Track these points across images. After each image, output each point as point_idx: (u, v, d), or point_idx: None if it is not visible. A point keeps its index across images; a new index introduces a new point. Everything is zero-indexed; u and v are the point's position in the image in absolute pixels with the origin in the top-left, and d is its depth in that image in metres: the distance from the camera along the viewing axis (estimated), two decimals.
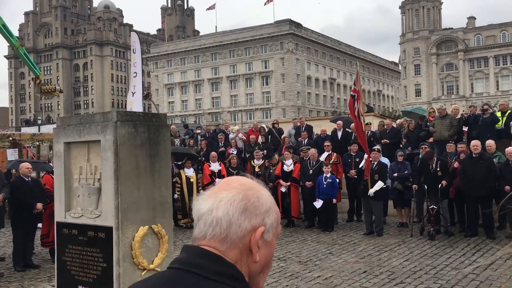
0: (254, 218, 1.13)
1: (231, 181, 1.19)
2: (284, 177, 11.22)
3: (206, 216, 1.13)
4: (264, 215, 1.15)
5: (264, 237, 1.14)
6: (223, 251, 1.11)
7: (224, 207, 1.12)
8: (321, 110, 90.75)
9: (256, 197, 1.15)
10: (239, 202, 1.13)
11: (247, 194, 1.14)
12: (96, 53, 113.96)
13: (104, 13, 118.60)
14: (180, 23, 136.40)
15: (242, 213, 1.12)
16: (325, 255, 8.33)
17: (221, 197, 1.13)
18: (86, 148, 4.60)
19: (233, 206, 1.12)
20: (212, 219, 1.12)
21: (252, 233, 1.12)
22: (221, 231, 1.11)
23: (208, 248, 1.12)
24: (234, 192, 1.14)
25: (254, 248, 1.12)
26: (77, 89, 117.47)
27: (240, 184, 1.17)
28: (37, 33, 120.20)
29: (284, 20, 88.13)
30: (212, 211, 1.12)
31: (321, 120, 26.43)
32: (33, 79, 25.72)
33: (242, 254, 1.12)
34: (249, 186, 1.17)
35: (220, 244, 1.11)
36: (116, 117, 4.44)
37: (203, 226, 1.13)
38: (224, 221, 1.11)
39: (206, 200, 1.15)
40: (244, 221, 1.12)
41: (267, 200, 1.17)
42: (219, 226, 1.11)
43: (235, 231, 1.11)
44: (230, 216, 1.11)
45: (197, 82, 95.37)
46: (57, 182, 4.82)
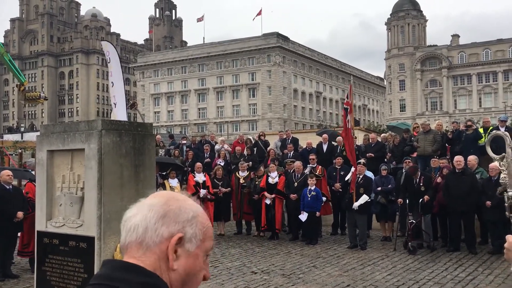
0: (173, 225, 1.11)
1: (163, 193, 1.21)
2: (269, 189, 11.21)
3: (127, 222, 1.13)
4: (185, 223, 1.13)
5: (185, 246, 1.12)
6: (139, 256, 1.10)
7: (143, 213, 1.12)
8: (307, 123, 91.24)
9: (178, 206, 1.14)
10: (158, 208, 1.12)
11: (170, 203, 1.14)
12: (82, 61, 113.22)
13: (91, 22, 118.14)
14: (168, 33, 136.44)
15: (160, 219, 1.11)
16: (309, 268, 8.31)
17: (144, 204, 1.14)
18: (70, 156, 4.55)
19: (152, 211, 1.11)
20: (130, 225, 1.12)
21: (169, 241, 1.11)
22: (137, 236, 1.10)
23: (128, 259, 1.11)
24: (157, 200, 1.14)
25: (170, 254, 1.10)
26: (62, 97, 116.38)
27: (168, 194, 1.18)
28: (23, 40, 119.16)
29: (272, 33, 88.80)
30: (132, 217, 1.12)
31: (307, 133, 26.56)
32: (18, 85, 25.43)
33: (161, 261, 1.10)
34: (176, 197, 1.17)
35: (136, 249, 1.11)
36: (101, 125, 4.41)
37: (124, 233, 1.13)
38: (141, 226, 1.10)
39: (131, 209, 1.16)
40: (161, 227, 1.10)
41: (191, 210, 1.16)
42: (135, 232, 1.10)
43: (150, 236, 1.10)
44: (147, 221, 1.10)
45: (183, 92, 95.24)
46: (39, 190, 4.75)
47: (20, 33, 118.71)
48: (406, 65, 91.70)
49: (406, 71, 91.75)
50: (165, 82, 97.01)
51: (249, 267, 8.41)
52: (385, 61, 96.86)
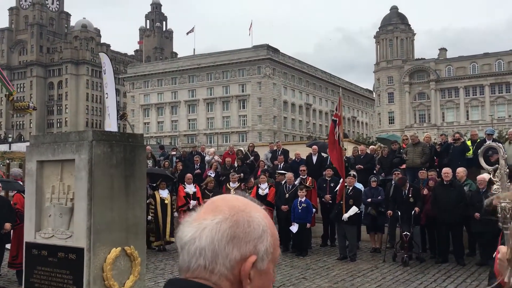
0: (244, 246, 1.00)
1: (219, 203, 1.05)
2: (259, 200, 11.17)
3: (189, 245, 1.00)
4: (256, 241, 1.01)
5: (257, 266, 1.01)
6: (214, 282, 0.99)
7: (209, 235, 0.99)
8: (296, 135, 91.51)
9: (247, 221, 1.02)
10: (226, 229, 0.99)
11: (235, 219, 1.01)
12: (71, 71, 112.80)
13: (81, 32, 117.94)
14: (158, 44, 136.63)
15: (229, 242, 0.99)
16: (299, 279, 8.30)
17: (206, 223, 1.00)
18: (60, 167, 4.53)
19: (219, 233, 0.99)
20: (195, 249, 0.99)
21: (242, 263, 0.99)
22: (206, 262, 0.98)
23: (198, 280, 0.99)
24: (221, 217, 1.01)
25: (245, 281, 0.99)
26: (51, 107, 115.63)
27: (229, 206, 1.03)
28: (12, 50, 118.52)
29: (262, 45, 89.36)
30: (195, 240, 0.99)
31: (297, 145, 26.67)
32: (6, 95, 25.23)
33: (234, 285, 1.00)
34: (238, 208, 1.03)
35: (209, 276, 0.99)
36: (92, 136, 4.41)
37: (186, 257, 1.01)
38: (209, 251, 0.98)
39: (189, 227, 1.03)
40: (232, 250, 0.99)
41: (259, 224, 1.03)
42: (203, 257, 0.99)
43: (222, 262, 0.98)
44: (215, 245, 0.98)
45: (173, 103, 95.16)
46: (28, 201, 4.72)
47: (9, 43, 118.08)
48: (395, 78, 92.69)
49: (395, 84, 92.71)
50: (155, 93, 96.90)
51: None
52: (374, 73, 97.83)
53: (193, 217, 1.06)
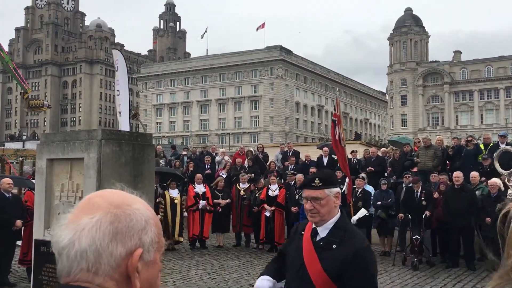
0: (129, 241, 0.94)
1: (95, 200, 0.98)
2: (269, 201, 11.20)
3: (68, 250, 0.92)
4: (140, 233, 0.96)
5: (144, 258, 0.96)
6: (98, 284, 0.93)
7: (89, 235, 0.91)
8: (308, 136, 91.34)
9: (128, 215, 0.96)
10: (107, 225, 0.93)
11: (116, 213, 0.95)
12: (85, 71, 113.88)
13: (95, 32, 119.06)
14: (171, 44, 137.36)
15: (112, 239, 0.92)
16: None
17: (84, 223, 0.93)
18: (69, 165, 4.57)
19: (100, 232, 0.92)
20: (75, 253, 0.91)
21: (128, 258, 0.94)
22: (89, 265, 0.91)
23: (80, 283, 0.92)
24: (100, 214, 0.94)
25: (133, 275, 0.94)
26: (65, 106, 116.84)
27: (107, 202, 0.97)
28: (27, 49, 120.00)
29: (275, 46, 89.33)
30: (75, 242, 0.91)
31: (308, 146, 26.59)
32: (21, 93, 25.59)
33: (120, 283, 0.94)
34: (118, 202, 0.97)
35: (92, 278, 0.92)
36: (101, 135, 4.44)
37: (66, 262, 0.93)
38: (91, 252, 0.91)
39: (66, 229, 0.94)
40: (116, 247, 0.93)
41: (142, 215, 0.98)
42: (85, 260, 0.91)
43: (107, 262, 0.92)
44: (97, 245, 0.91)
45: (186, 103, 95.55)
46: (38, 199, 4.76)
47: (24, 42, 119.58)
48: (408, 80, 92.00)
49: (408, 86, 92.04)
50: (167, 93, 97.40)
51: (247, 279, 8.37)
52: (387, 75, 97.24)
53: (68, 219, 0.96)
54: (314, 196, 2.48)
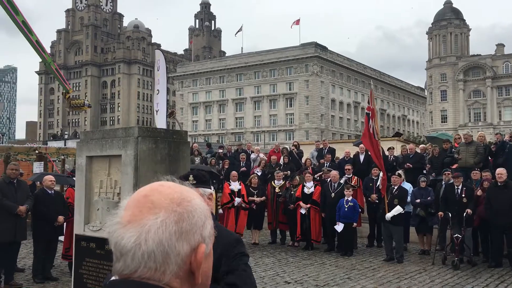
0: (192, 238, 0.95)
1: (154, 197, 0.96)
2: (305, 199, 11.13)
3: (135, 251, 0.91)
4: (201, 229, 0.97)
5: (205, 252, 0.98)
6: (166, 283, 0.93)
7: (155, 237, 0.91)
8: (344, 133, 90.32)
9: (190, 212, 0.96)
10: (172, 226, 0.93)
11: (179, 212, 0.95)
12: (124, 71, 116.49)
13: (133, 33, 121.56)
14: (206, 43, 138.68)
15: (178, 239, 0.93)
16: (343, 280, 8.18)
17: (149, 224, 0.92)
18: (108, 162, 4.67)
19: (166, 233, 0.92)
20: (142, 254, 0.91)
21: (192, 255, 0.95)
22: (157, 265, 0.92)
23: (147, 281, 0.92)
24: (163, 215, 0.93)
25: (198, 271, 0.96)
26: (104, 106, 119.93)
27: (167, 199, 0.96)
28: (68, 50, 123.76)
29: (310, 43, 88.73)
30: (141, 244, 0.91)
31: (344, 143, 26.29)
32: (63, 93, 26.39)
33: (183, 280, 0.95)
34: (178, 199, 0.97)
35: (159, 277, 0.93)
36: (138, 132, 4.51)
37: (131, 261, 0.92)
38: (159, 253, 0.91)
39: (127, 230, 0.92)
40: (182, 247, 0.93)
41: (202, 211, 0.99)
42: (153, 261, 0.92)
43: (174, 261, 0.93)
44: (165, 246, 0.91)
45: (221, 102, 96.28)
46: (78, 195, 4.89)
47: (65, 44, 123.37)
48: (448, 75, 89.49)
49: (448, 81, 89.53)
50: (203, 92, 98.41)
51: (282, 276, 8.36)
52: (426, 71, 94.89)
53: (125, 218, 0.94)
54: None
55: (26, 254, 9.92)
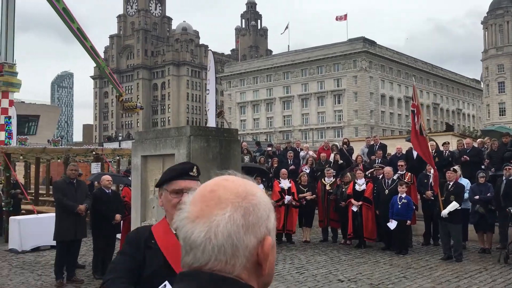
0: (259, 230, 0.98)
1: (220, 192, 0.99)
2: (356, 196, 10.95)
3: (204, 245, 0.95)
4: (266, 221, 1.00)
5: (271, 244, 1.01)
6: (236, 275, 0.96)
7: (225, 231, 0.94)
8: (395, 129, 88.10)
9: (255, 205, 0.99)
10: (239, 220, 0.96)
11: (245, 206, 0.97)
12: (173, 73, 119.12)
13: (181, 35, 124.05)
14: (253, 43, 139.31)
15: (246, 232, 0.96)
16: (399, 278, 7.97)
17: (218, 220, 0.95)
18: (162, 161, 4.77)
19: (234, 227, 0.95)
20: (213, 248, 0.94)
21: (258, 247, 0.98)
22: (227, 258, 0.95)
23: (219, 272, 0.96)
24: (231, 210, 0.96)
25: (265, 263, 0.99)
26: (155, 107, 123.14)
27: (233, 194, 0.99)
28: (120, 54, 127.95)
29: (358, 38, 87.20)
30: (211, 239, 0.94)
31: (396, 139, 25.63)
32: (117, 97, 27.34)
33: (251, 271, 0.98)
34: (243, 193, 0.99)
35: (230, 269, 0.96)
36: (190, 131, 4.59)
37: (201, 255, 0.96)
38: (228, 246, 0.95)
39: (196, 224, 0.96)
40: (250, 240, 0.96)
41: (266, 204, 1.02)
42: (223, 254, 0.95)
43: (243, 254, 0.96)
44: (234, 239, 0.95)
45: (268, 100, 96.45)
46: (134, 193, 5.03)
47: (118, 49, 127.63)
48: (506, 66, 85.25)
49: (506, 72, 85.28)
50: (250, 91, 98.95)
51: (335, 274, 8.26)
52: (482, 62, 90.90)
53: (193, 213, 0.98)
54: (191, 187, 2.07)
55: (86, 251, 10.33)
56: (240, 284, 0.96)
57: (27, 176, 22.32)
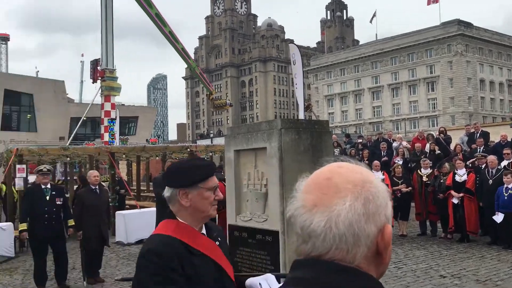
0: (378, 219, 0.96)
1: (337, 180, 0.96)
2: (456, 187, 10.32)
3: (325, 234, 0.93)
4: (385, 209, 0.98)
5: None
6: (357, 265, 0.95)
7: (346, 221, 0.93)
8: (497, 116, 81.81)
9: (374, 194, 0.96)
10: (360, 209, 0.94)
11: (365, 195, 0.95)
12: (260, 69, 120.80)
13: (267, 31, 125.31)
14: (339, 34, 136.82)
15: (367, 221, 0.94)
16: (508, 275, 7.39)
17: (338, 209, 0.93)
18: (254, 155, 4.84)
19: (356, 216, 0.93)
20: (334, 237, 0.93)
21: (378, 236, 0.96)
22: (349, 247, 0.93)
23: (339, 262, 0.94)
24: (351, 199, 0.94)
25: (386, 251, 0.97)
26: (244, 104, 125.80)
27: (351, 183, 0.96)
28: (209, 54, 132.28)
29: (452, 21, 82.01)
30: (331, 228, 0.93)
31: (499, 126, 23.81)
32: (207, 95, 28.31)
33: (370, 261, 0.96)
34: (361, 181, 0.96)
35: (350, 259, 0.94)
36: (281, 125, 4.59)
37: (321, 243, 0.94)
38: (350, 235, 0.93)
39: (315, 214, 0.94)
40: (371, 228, 0.94)
41: (383, 191, 0.99)
42: (344, 243, 0.93)
43: (364, 243, 0.94)
44: (356, 229, 0.93)
45: (357, 92, 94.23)
46: (228, 187, 5.15)
47: (207, 49, 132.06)
48: None
49: None
50: (338, 83, 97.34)
51: (436, 270, 7.86)
52: None
53: (309, 201, 0.96)
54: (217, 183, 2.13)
55: None
56: (361, 273, 0.94)
57: (129, 174, 23.89)
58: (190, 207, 2.04)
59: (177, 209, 2.06)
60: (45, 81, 51.70)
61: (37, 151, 14.57)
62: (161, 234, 2.02)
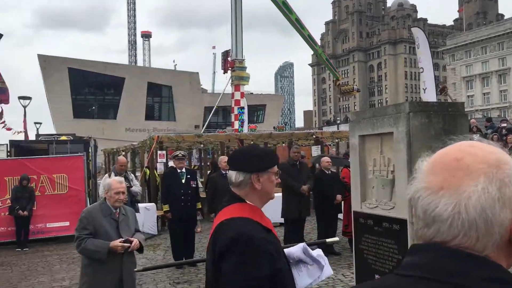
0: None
1: (468, 161, 0.88)
2: None
3: (452, 219, 0.86)
4: None
5: None
6: (486, 254, 0.86)
7: (477, 205, 0.84)
8: None
9: (508, 175, 0.86)
10: (495, 193, 0.84)
11: (500, 177, 0.86)
12: (389, 52, 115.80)
13: (397, 11, 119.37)
14: (480, 9, 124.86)
15: (502, 206, 0.85)
16: None
17: (468, 192, 0.85)
18: (379, 140, 4.66)
19: (489, 200, 0.84)
20: (462, 223, 0.85)
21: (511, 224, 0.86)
22: (479, 235, 0.85)
23: (467, 250, 0.86)
24: (484, 181, 0.85)
25: None
26: (372, 89, 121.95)
27: (485, 163, 0.87)
28: (336, 40, 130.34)
29: None
30: (460, 213, 0.85)
31: None
32: (334, 81, 28.05)
33: (500, 250, 0.87)
34: (495, 161, 0.87)
35: (480, 248, 0.86)
36: (409, 108, 4.35)
37: (448, 229, 0.87)
38: (481, 222, 0.84)
39: (441, 196, 0.87)
40: (506, 215, 0.85)
41: None
42: (474, 230, 0.85)
43: (498, 231, 0.85)
44: (489, 215, 0.84)
45: (501, 71, 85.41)
46: (353, 173, 5.05)
47: (333, 34, 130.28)
48: None
49: None
50: (478, 63, 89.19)
51: None
52: None
53: (434, 183, 0.88)
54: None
55: (311, 229, 10.90)
56: (490, 262, 0.86)
57: None
58: (261, 190, 2.19)
59: (247, 192, 2.20)
60: (182, 73, 55.76)
61: (175, 138, 15.81)
62: (242, 218, 2.10)
